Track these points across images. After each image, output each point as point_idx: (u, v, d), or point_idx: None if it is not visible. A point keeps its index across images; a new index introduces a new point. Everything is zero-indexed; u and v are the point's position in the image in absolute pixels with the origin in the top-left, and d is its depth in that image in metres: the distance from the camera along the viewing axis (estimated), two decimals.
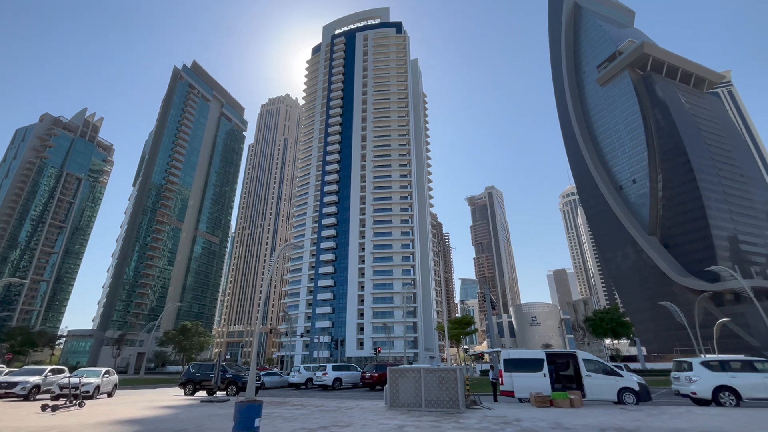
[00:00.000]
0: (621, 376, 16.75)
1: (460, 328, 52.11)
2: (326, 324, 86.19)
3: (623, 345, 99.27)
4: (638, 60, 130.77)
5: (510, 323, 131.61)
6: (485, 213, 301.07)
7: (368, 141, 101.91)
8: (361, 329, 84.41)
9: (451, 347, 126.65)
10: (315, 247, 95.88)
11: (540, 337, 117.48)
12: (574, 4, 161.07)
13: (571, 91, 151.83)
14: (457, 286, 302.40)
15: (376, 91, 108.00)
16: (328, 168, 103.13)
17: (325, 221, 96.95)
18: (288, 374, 35.30)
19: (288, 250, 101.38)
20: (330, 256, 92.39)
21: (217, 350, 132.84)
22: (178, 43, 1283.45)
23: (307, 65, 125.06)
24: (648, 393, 16.67)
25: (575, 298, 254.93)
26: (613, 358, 69.96)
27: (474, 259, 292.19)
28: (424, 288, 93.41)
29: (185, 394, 23.32)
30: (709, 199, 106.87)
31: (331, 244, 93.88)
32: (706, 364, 16.51)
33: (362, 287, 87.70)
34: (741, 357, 17.74)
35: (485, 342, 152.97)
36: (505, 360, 17.80)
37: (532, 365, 17.38)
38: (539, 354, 17.81)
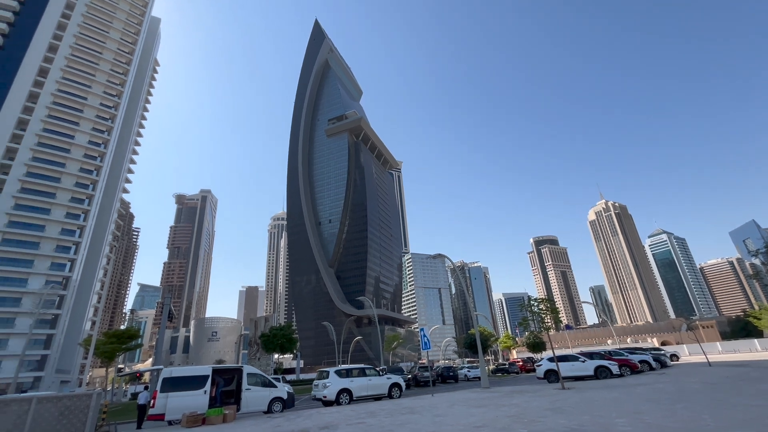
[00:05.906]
0: (276, 387, 18.59)
1: (118, 343, 42.85)
2: None
3: (287, 359, 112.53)
4: (355, 129, 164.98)
5: (187, 338, 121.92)
6: (193, 216, 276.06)
7: (54, 70, 74.19)
8: None
9: (100, 367, 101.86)
10: None
11: (216, 353, 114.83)
12: (326, 61, 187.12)
13: (305, 131, 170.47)
14: (133, 291, 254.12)
15: (87, 21, 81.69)
16: None
17: None
18: None
19: None
20: None
21: None
22: None
23: None
24: (293, 400, 19.31)
25: (260, 314, 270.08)
26: (276, 371, 77.44)
27: (165, 263, 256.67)
28: (82, 291, 72.41)
29: None
30: (371, 247, 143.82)
31: None
32: (337, 372, 21.06)
33: None
34: (359, 365, 23.74)
35: (150, 360, 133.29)
36: (164, 379, 15.99)
37: (194, 383, 16.44)
38: (205, 371, 17.17)
